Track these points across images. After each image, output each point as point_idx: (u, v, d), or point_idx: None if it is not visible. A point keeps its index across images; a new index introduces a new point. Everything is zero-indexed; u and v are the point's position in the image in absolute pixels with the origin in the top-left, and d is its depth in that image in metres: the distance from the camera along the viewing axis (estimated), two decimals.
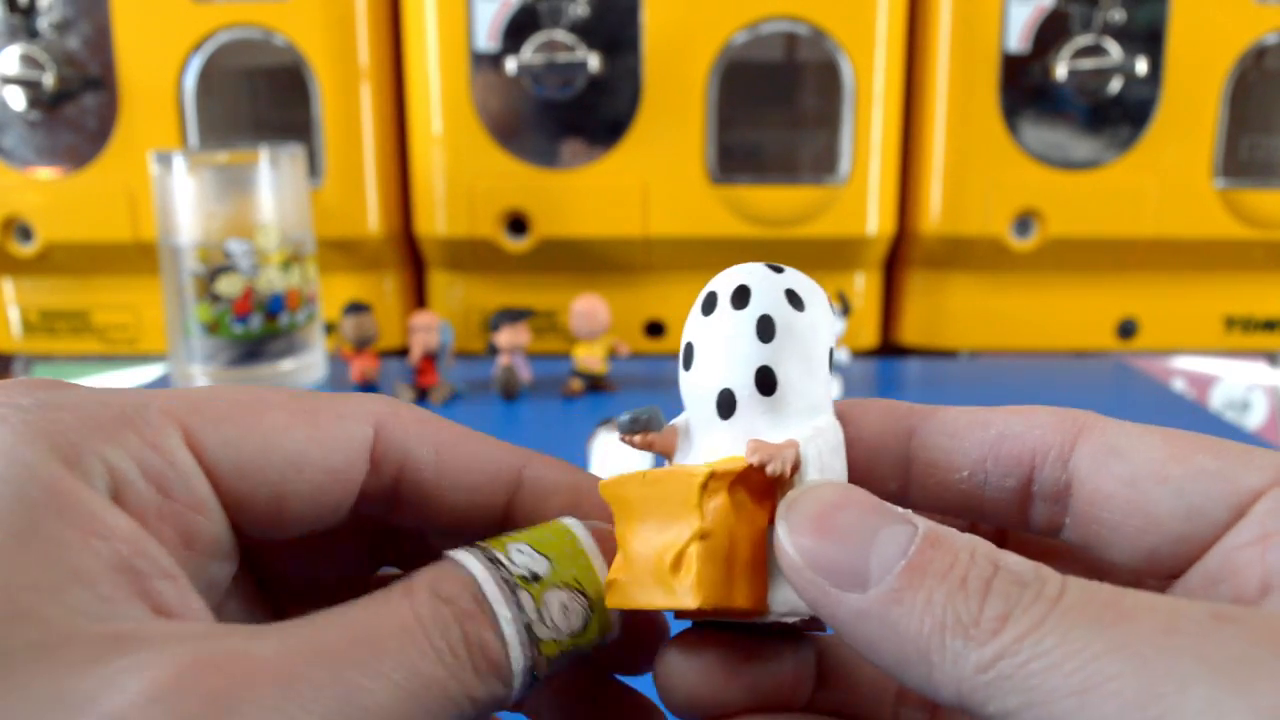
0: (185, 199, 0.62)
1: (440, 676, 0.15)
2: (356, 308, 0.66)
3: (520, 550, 0.18)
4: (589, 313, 0.64)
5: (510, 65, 0.69)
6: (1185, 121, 0.71)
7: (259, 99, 0.76)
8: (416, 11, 0.71)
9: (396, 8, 0.74)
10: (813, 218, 0.73)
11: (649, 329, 0.78)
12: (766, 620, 0.18)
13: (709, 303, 0.19)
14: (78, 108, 0.73)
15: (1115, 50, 0.68)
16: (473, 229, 0.74)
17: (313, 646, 0.14)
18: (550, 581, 0.18)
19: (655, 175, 0.72)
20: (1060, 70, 0.69)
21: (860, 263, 0.76)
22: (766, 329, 0.18)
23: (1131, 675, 0.12)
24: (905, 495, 0.19)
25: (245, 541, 0.18)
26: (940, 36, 0.71)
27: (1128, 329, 0.78)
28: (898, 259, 0.79)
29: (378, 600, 0.16)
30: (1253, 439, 0.57)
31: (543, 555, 0.18)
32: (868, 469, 0.19)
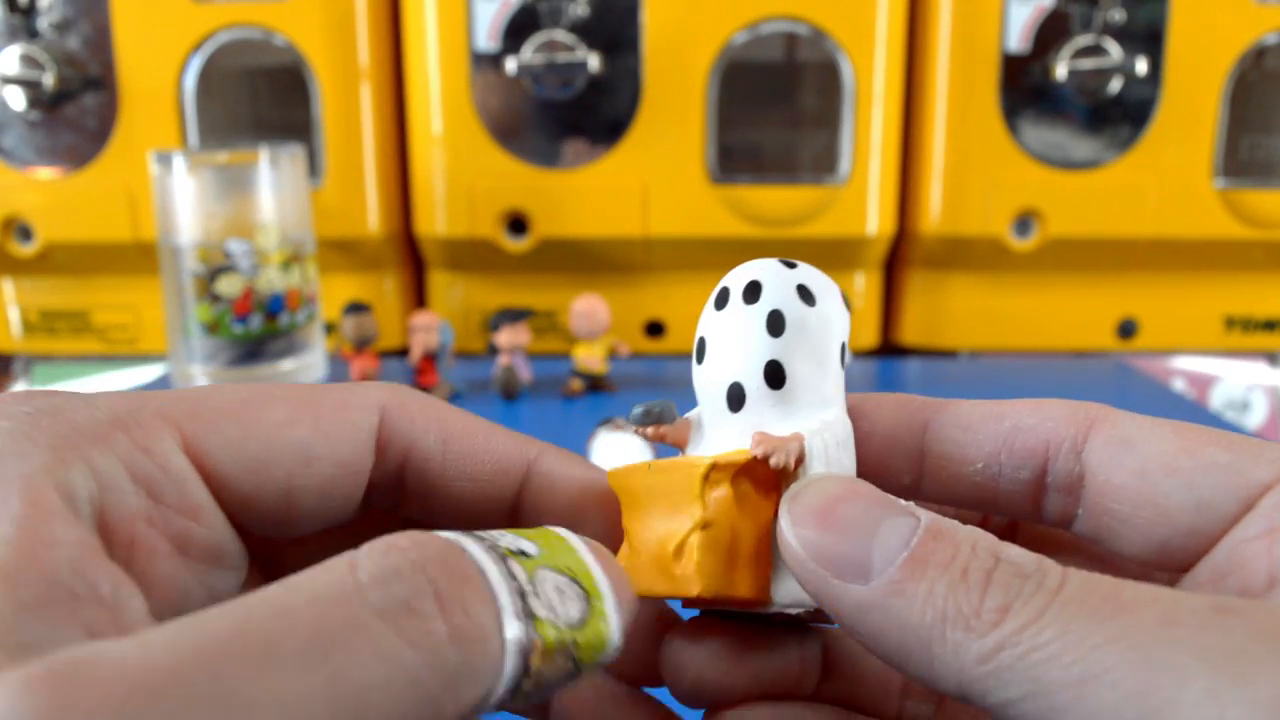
0: (185, 199, 0.62)
1: (388, 649, 0.12)
2: (356, 308, 0.65)
3: (503, 533, 0.16)
4: (589, 313, 0.64)
5: (510, 65, 0.69)
6: (1185, 121, 0.71)
7: (259, 99, 0.76)
8: (416, 11, 0.71)
9: (396, 8, 0.74)
10: (813, 218, 0.73)
11: (649, 329, 0.78)
12: (770, 611, 0.18)
13: (721, 298, 0.19)
14: (78, 108, 0.73)
15: (1115, 50, 0.68)
16: (473, 229, 0.74)
17: (196, 641, 0.11)
18: (541, 561, 0.15)
19: (655, 175, 0.72)
20: (1060, 70, 0.69)
21: (860, 263, 0.76)
22: (776, 324, 0.18)
23: (1131, 667, 0.12)
24: (918, 488, 0.20)
25: (255, 546, 0.18)
26: (940, 36, 0.71)
27: (1128, 329, 0.78)
28: (898, 259, 0.79)
29: (305, 572, 0.13)
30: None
31: (530, 541, 0.16)
32: (881, 462, 0.19)
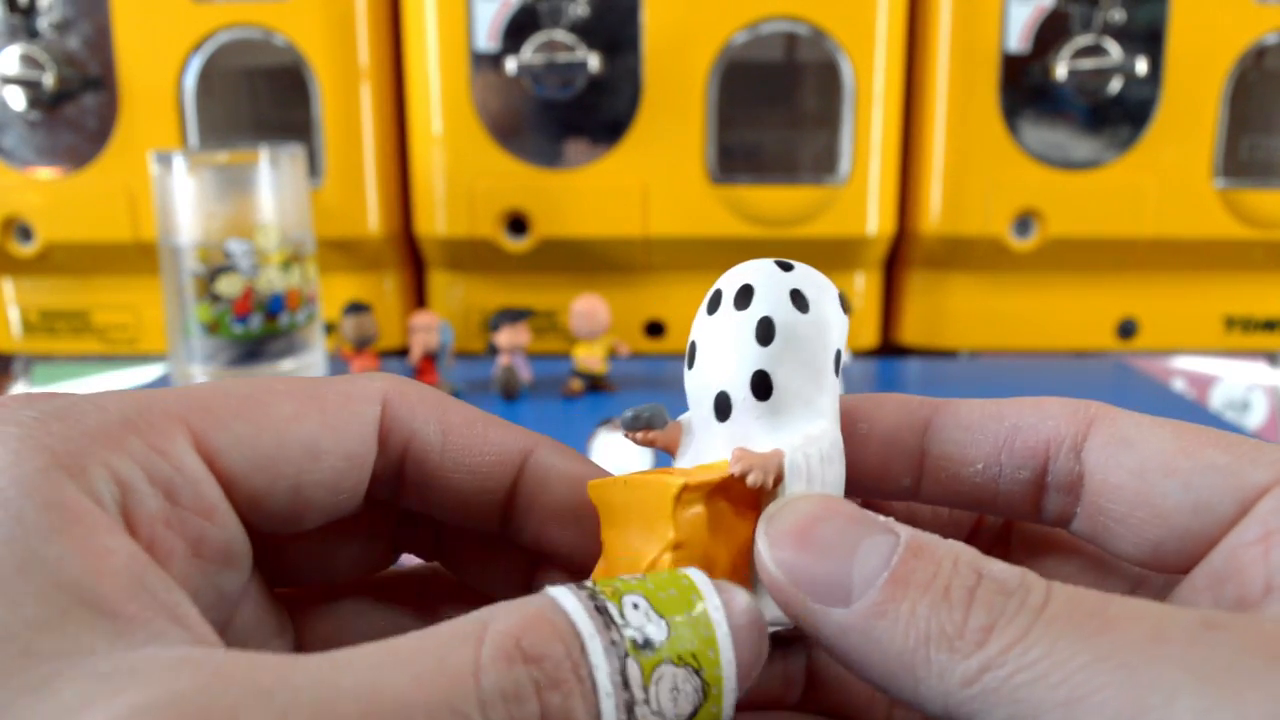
0: (185, 199, 0.62)
1: None
2: (356, 308, 0.65)
3: (635, 605, 0.15)
4: (589, 313, 0.64)
5: (510, 65, 0.69)
6: (1185, 121, 0.71)
7: (259, 99, 0.76)
8: (416, 11, 0.71)
9: (396, 8, 0.74)
10: (813, 218, 0.73)
11: (649, 329, 0.78)
12: None
13: (714, 301, 0.19)
14: (78, 108, 0.73)
15: (1115, 50, 0.68)
16: (473, 229, 0.74)
17: (330, 689, 0.12)
18: (665, 654, 0.14)
19: (655, 175, 0.72)
20: (1060, 70, 0.69)
21: (860, 263, 0.76)
22: (766, 332, 0.18)
23: (1119, 686, 0.12)
24: (918, 489, 0.19)
25: (260, 540, 0.18)
26: (940, 36, 0.71)
27: (1128, 329, 0.78)
28: (898, 259, 0.79)
29: (438, 638, 0.13)
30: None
31: (661, 617, 0.14)
32: (881, 463, 0.19)
